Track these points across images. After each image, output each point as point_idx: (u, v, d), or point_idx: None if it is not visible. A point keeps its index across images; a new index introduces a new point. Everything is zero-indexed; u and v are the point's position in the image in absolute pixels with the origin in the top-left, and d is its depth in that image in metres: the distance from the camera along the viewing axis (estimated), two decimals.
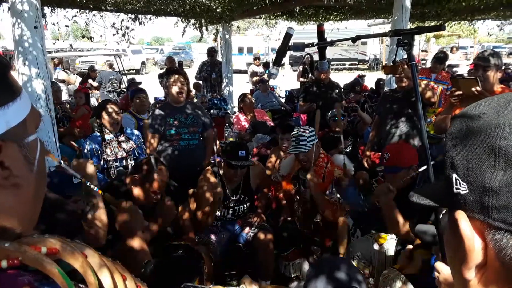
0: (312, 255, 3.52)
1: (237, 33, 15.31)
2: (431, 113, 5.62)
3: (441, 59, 7.23)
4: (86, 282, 0.60)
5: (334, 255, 3.37)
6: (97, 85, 11.09)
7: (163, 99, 8.11)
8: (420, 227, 2.51)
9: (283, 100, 10.00)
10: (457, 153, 0.54)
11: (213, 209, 3.31)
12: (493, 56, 3.21)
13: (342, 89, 6.69)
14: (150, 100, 6.10)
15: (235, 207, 3.56)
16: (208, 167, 3.60)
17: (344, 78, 14.45)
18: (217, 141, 4.48)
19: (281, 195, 3.83)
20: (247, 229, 3.54)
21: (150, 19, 8.95)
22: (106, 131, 3.77)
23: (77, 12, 7.99)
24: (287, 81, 14.63)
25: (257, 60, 13.14)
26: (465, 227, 0.53)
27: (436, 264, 1.24)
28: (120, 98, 9.07)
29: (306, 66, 10.77)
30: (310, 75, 10.31)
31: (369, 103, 8.29)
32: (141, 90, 5.73)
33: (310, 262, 3.48)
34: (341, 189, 3.43)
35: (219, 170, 3.49)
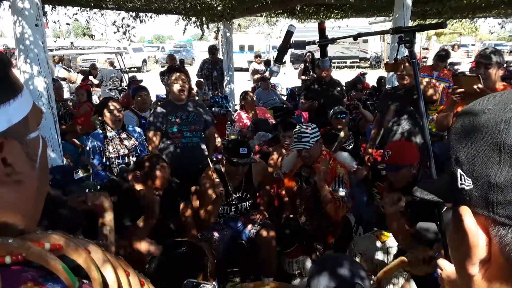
0: (314, 252, 3.51)
1: (238, 31, 15.33)
2: (433, 110, 5.60)
3: (443, 57, 7.21)
4: (89, 278, 0.60)
5: (337, 252, 3.37)
6: (98, 83, 11.10)
7: (164, 97, 8.11)
8: (422, 224, 2.51)
9: (284, 98, 10.00)
10: (462, 149, 0.54)
11: (215, 208, 3.32)
12: (495, 53, 3.20)
13: (344, 87, 6.68)
14: (151, 98, 6.10)
15: (237, 204, 3.56)
16: (210, 164, 3.60)
17: (346, 76, 14.44)
18: (218, 139, 4.48)
19: (283, 192, 3.83)
20: (249, 226, 3.54)
21: (151, 17, 8.94)
22: (108, 128, 3.78)
23: (78, 10, 8.01)
24: (288, 79, 14.62)
25: (258, 58, 13.12)
26: (469, 223, 0.53)
27: (439, 261, 1.23)
28: (121, 96, 9.07)
29: (307, 64, 10.75)
30: (311, 73, 10.29)
31: (371, 101, 8.29)
32: (142, 88, 5.74)
33: (313, 259, 3.48)
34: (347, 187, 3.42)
35: (221, 168, 3.50)
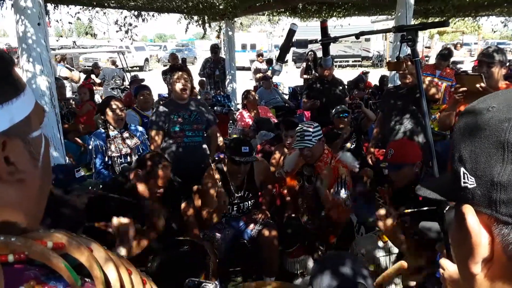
0: (316, 251, 3.51)
1: (240, 30, 15.32)
2: (435, 109, 5.59)
3: (445, 55, 7.21)
4: (92, 276, 0.60)
5: (339, 251, 3.37)
6: (100, 82, 11.11)
7: (166, 96, 8.12)
8: (424, 223, 2.50)
9: (286, 96, 9.98)
10: (465, 147, 0.54)
11: (219, 209, 3.32)
12: (498, 52, 3.19)
13: (346, 86, 6.67)
14: (153, 97, 6.10)
15: (239, 203, 3.56)
16: (212, 164, 3.61)
17: (348, 75, 14.42)
18: (220, 138, 4.48)
19: (285, 191, 3.82)
20: (251, 225, 3.54)
21: (153, 16, 8.95)
22: (111, 127, 3.78)
23: (81, 9, 8.02)
24: (290, 77, 14.58)
25: (260, 57, 13.12)
26: (472, 221, 0.52)
27: (441, 261, 1.24)
28: (123, 95, 9.08)
29: (309, 63, 10.74)
30: (313, 71, 10.27)
31: (373, 100, 8.27)
32: (144, 87, 5.74)
33: (315, 258, 3.48)
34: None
35: (223, 167, 3.49)
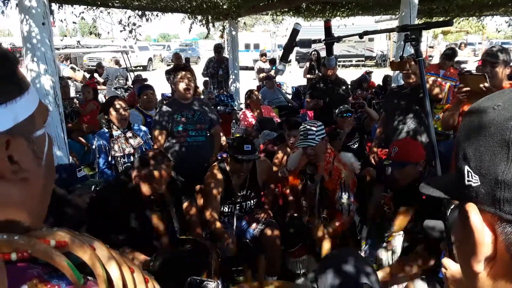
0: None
1: (243, 30, 15.30)
2: (438, 109, 5.58)
3: (449, 55, 7.19)
4: (94, 275, 0.61)
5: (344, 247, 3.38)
6: (104, 81, 11.13)
7: (170, 95, 8.12)
8: (428, 222, 2.50)
9: (290, 96, 9.98)
10: (469, 145, 0.54)
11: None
12: (502, 52, 3.18)
13: (349, 86, 6.66)
14: (157, 96, 6.11)
15: (242, 202, 3.56)
16: (215, 163, 3.61)
17: (351, 74, 14.40)
18: (224, 138, 4.49)
19: (287, 191, 3.82)
20: (254, 225, 3.53)
21: (157, 15, 8.96)
22: (114, 127, 3.79)
23: (85, 8, 8.03)
24: (294, 77, 14.58)
25: (264, 57, 13.13)
26: (476, 220, 0.52)
27: (444, 260, 1.23)
28: (127, 94, 9.10)
29: (313, 63, 10.72)
30: (317, 71, 10.26)
31: (376, 100, 8.27)
32: (148, 86, 5.75)
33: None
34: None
35: (226, 167, 3.50)
